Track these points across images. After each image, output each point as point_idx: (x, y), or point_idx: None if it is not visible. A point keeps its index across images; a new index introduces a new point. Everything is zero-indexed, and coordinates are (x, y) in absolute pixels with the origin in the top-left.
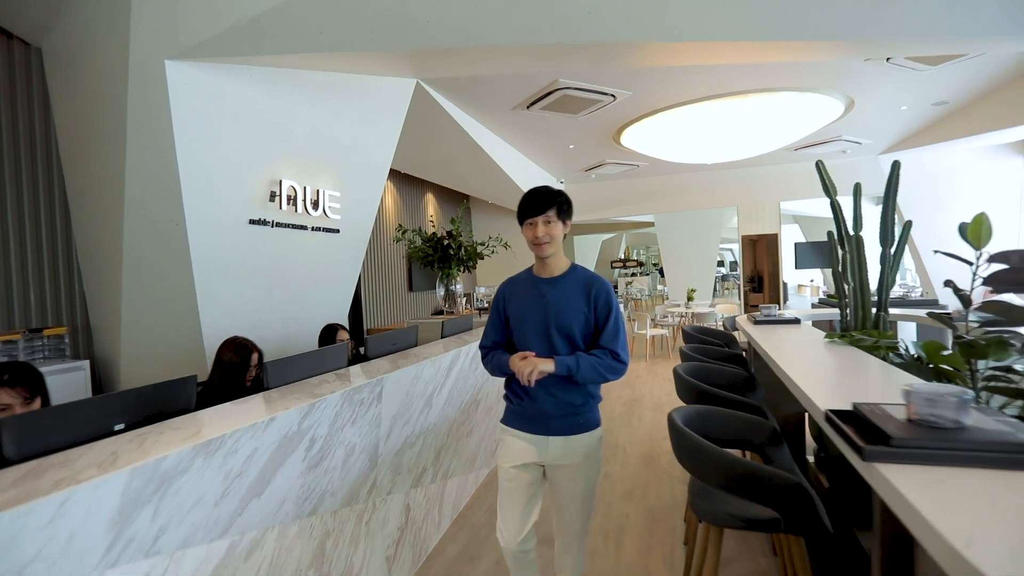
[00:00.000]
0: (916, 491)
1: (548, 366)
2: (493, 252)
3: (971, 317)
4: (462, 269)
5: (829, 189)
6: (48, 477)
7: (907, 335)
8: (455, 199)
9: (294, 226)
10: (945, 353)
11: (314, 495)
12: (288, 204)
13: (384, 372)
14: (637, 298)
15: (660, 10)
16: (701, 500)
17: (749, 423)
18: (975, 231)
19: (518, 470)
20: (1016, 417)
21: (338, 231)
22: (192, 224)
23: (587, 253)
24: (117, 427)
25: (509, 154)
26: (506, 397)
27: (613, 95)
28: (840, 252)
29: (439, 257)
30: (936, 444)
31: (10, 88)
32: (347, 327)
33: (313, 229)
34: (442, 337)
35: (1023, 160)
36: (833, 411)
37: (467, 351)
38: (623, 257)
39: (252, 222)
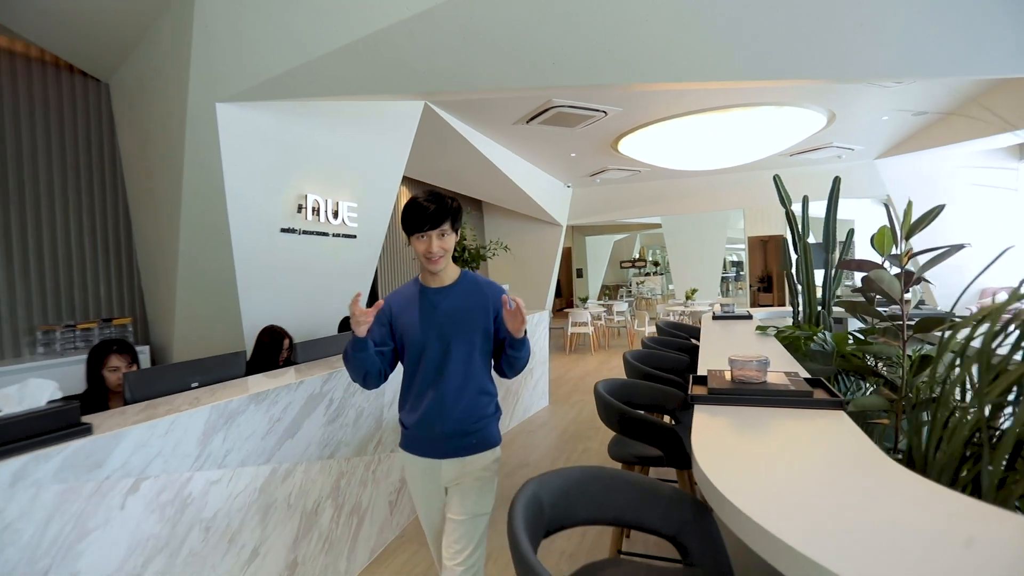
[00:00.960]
0: (704, 421)
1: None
2: (494, 255)
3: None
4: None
5: (784, 200)
6: (160, 408)
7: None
8: (468, 204)
9: (318, 233)
10: (849, 343)
11: (332, 443)
12: (313, 215)
13: None
14: (648, 297)
15: (610, 59)
16: (615, 446)
17: (665, 393)
18: (880, 240)
19: (427, 498)
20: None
21: (355, 236)
22: (235, 233)
23: (599, 254)
24: (193, 384)
25: (515, 163)
26: (400, 421)
27: (604, 111)
28: (794, 256)
29: None
30: (735, 392)
31: (85, 117)
32: None
33: (334, 235)
34: None
35: (1018, 163)
36: (695, 376)
37: None
38: (637, 257)
39: (283, 230)
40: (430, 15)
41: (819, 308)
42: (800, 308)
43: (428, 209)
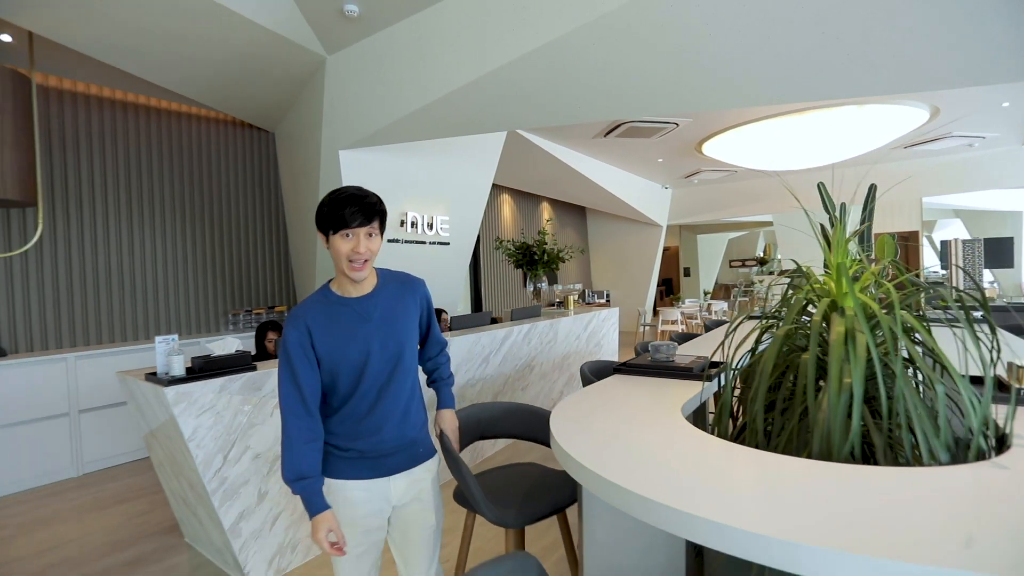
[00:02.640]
0: (602, 384)
1: (454, 420)
2: (571, 258)
3: None
4: (546, 271)
5: (828, 207)
6: None
7: None
8: (570, 209)
9: (416, 242)
10: None
11: None
12: (412, 228)
13: (450, 338)
14: (764, 297)
15: (622, 102)
16: None
17: None
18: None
19: (367, 524)
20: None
21: (448, 244)
22: None
23: (712, 252)
24: None
25: (606, 170)
26: (332, 444)
27: (676, 123)
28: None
29: (526, 261)
30: (644, 366)
31: (258, 161)
32: (447, 311)
33: (430, 243)
34: (511, 320)
35: None
36: (636, 356)
37: (519, 330)
38: (762, 255)
39: (389, 241)
40: (483, 82)
41: None
42: None
43: (359, 202)
